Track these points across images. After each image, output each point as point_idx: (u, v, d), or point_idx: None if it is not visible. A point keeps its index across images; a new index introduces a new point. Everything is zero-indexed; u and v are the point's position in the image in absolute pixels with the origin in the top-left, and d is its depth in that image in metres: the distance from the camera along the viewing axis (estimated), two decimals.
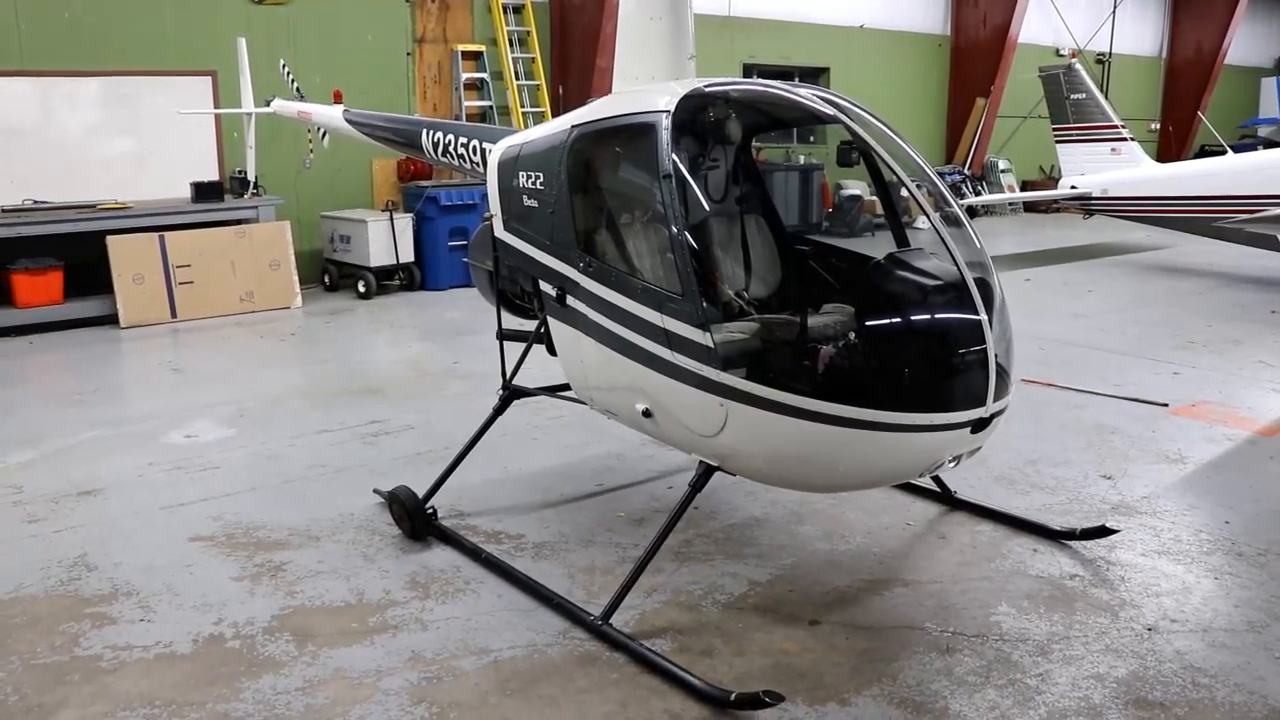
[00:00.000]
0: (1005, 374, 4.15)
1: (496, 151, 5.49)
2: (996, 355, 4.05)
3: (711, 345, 4.06)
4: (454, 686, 4.00)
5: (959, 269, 4.08)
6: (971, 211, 20.38)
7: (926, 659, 4.22)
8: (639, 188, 4.65)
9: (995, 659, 4.23)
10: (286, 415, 7.74)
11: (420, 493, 5.45)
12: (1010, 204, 21.56)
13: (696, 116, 4.77)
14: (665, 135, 4.28)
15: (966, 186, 20.92)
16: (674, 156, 4.28)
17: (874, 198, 19.54)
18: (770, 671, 4.09)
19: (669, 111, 4.33)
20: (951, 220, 4.48)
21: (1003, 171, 22.00)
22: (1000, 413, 4.13)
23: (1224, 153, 14.92)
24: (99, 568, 5.07)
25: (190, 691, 3.98)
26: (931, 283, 4.09)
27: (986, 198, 19.78)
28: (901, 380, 3.99)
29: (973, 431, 4.02)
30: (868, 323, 4.22)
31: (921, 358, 4.04)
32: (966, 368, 4.00)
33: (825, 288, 5.03)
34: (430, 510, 5.42)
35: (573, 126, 4.86)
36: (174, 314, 11.23)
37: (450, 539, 5.30)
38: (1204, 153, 22.84)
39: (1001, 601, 4.73)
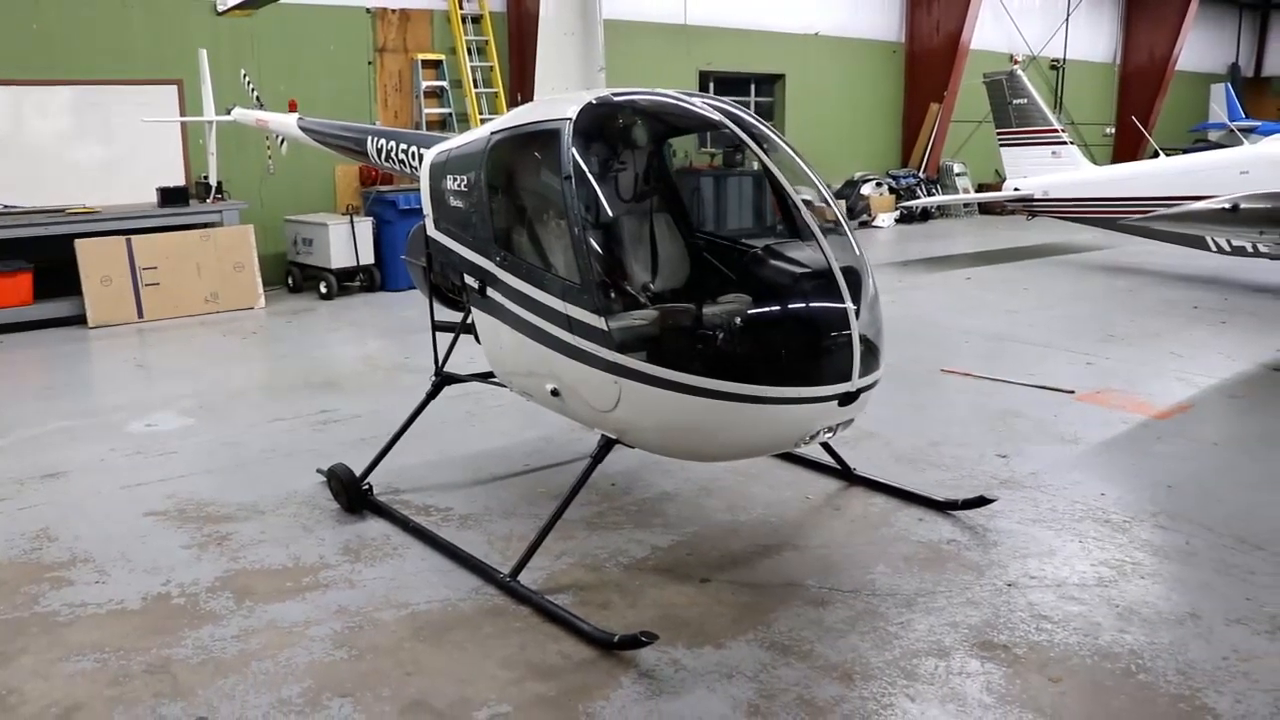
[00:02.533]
0: (873, 352, 4.63)
1: (429, 156, 5.95)
2: (864, 336, 4.52)
3: (606, 329, 4.53)
4: (373, 634, 4.48)
5: (827, 260, 4.53)
6: (925, 213, 20.99)
7: (801, 611, 4.71)
8: (546, 187, 5.11)
9: (864, 610, 4.72)
10: (244, 407, 8.19)
11: (358, 472, 5.91)
12: (965, 206, 22.15)
13: (601, 123, 5.24)
14: (568, 140, 4.76)
15: (921, 189, 21.50)
16: (575, 159, 4.75)
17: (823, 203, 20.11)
18: (658, 621, 4.55)
19: (571, 119, 4.81)
20: (828, 219, 4.91)
21: (958, 175, 22.59)
22: (868, 388, 4.61)
23: (1156, 155, 15.52)
24: (60, 539, 5.52)
25: (138, 640, 4.44)
26: (799, 270, 4.59)
27: (935, 199, 20.34)
28: (771, 358, 4.48)
29: (840, 404, 4.50)
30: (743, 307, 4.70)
31: (789, 337, 4.55)
32: (833, 347, 4.48)
33: (725, 279, 5.51)
34: (366, 486, 5.89)
35: (492, 133, 5.35)
36: (140, 314, 11.64)
37: (383, 511, 5.78)
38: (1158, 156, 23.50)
39: (880, 563, 5.22)
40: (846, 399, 4.50)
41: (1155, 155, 15.59)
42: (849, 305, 4.48)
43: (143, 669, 4.22)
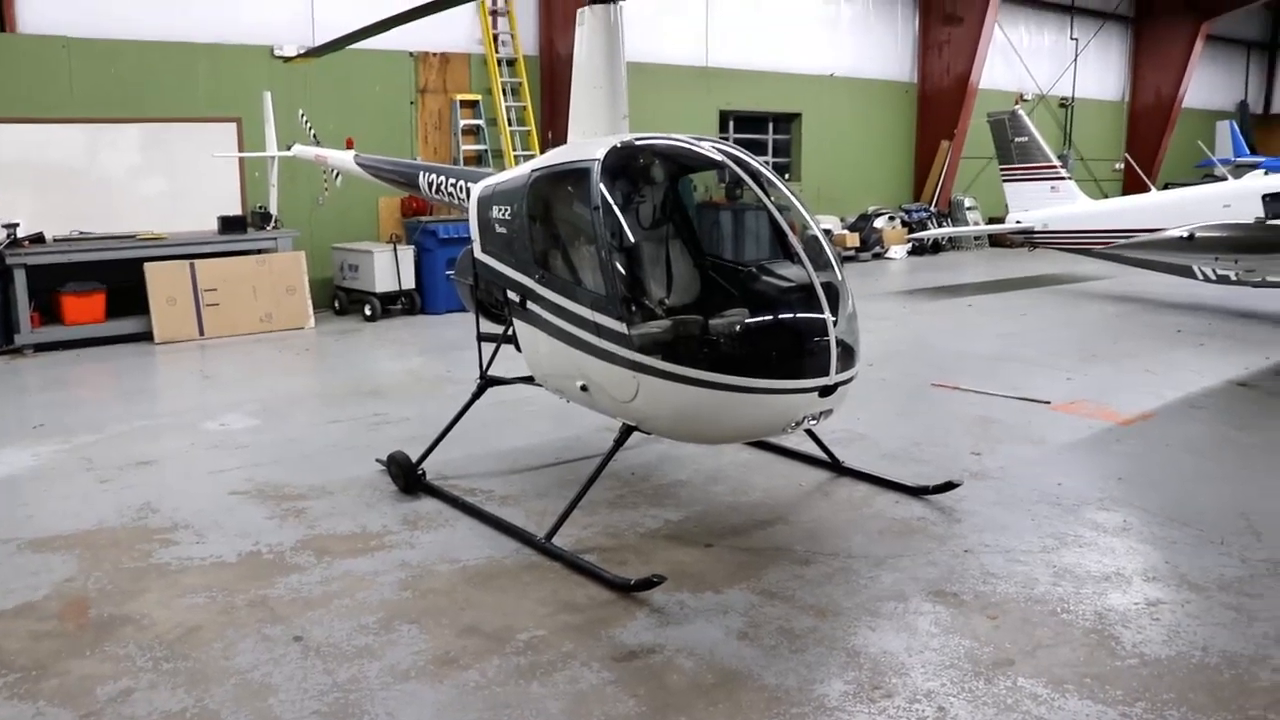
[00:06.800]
0: (849, 354, 5.56)
1: (476, 190, 6.95)
2: (841, 340, 5.46)
3: (627, 333, 5.50)
4: (432, 581, 5.44)
5: (810, 278, 5.48)
6: (937, 245, 21.92)
7: (788, 568, 5.63)
8: (578, 217, 6.09)
9: (840, 568, 5.64)
10: (303, 411, 9.20)
11: (413, 458, 6.88)
12: (975, 238, 23.07)
13: (624, 163, 6.20)
14: (597, 177, 5.74)
15: (932, 223, 22.44)
16: (603, 193, 5.73)
17: (844, 231, 21.04)
18: (668, 574, 5.42)
19: (600, 159, 5.80)
20: (813, 245, 5.82)
21: (968, 209, 23.50)
22: (845, 382, 5.54)
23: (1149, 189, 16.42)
24: (161, 511, 6.52)
25: (238, 583, 5.42)
26: (787, 286, 5.56)
27: (943, 230, 21.28)
28: (763, 357, 5.43)
29: (820, 395, 5.43)
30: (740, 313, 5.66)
31: (778, 341, 5.51)
32: (814, 349, 5.41)
33: (727, 293, 6.46)
34: (421, 471, 6.85)
35: (532, 170, 6.35)
36: (202, 332, 12.70)
37: (435, 492, 6.75)
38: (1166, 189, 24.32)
39: (858, 534, 6.14)
40: (825, 391, 5.43)
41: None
42: (828, 316, 5.42)
43: (245, 603, 5.20)
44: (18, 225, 11.91)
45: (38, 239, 12.11)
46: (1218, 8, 27.55)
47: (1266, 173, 17.08)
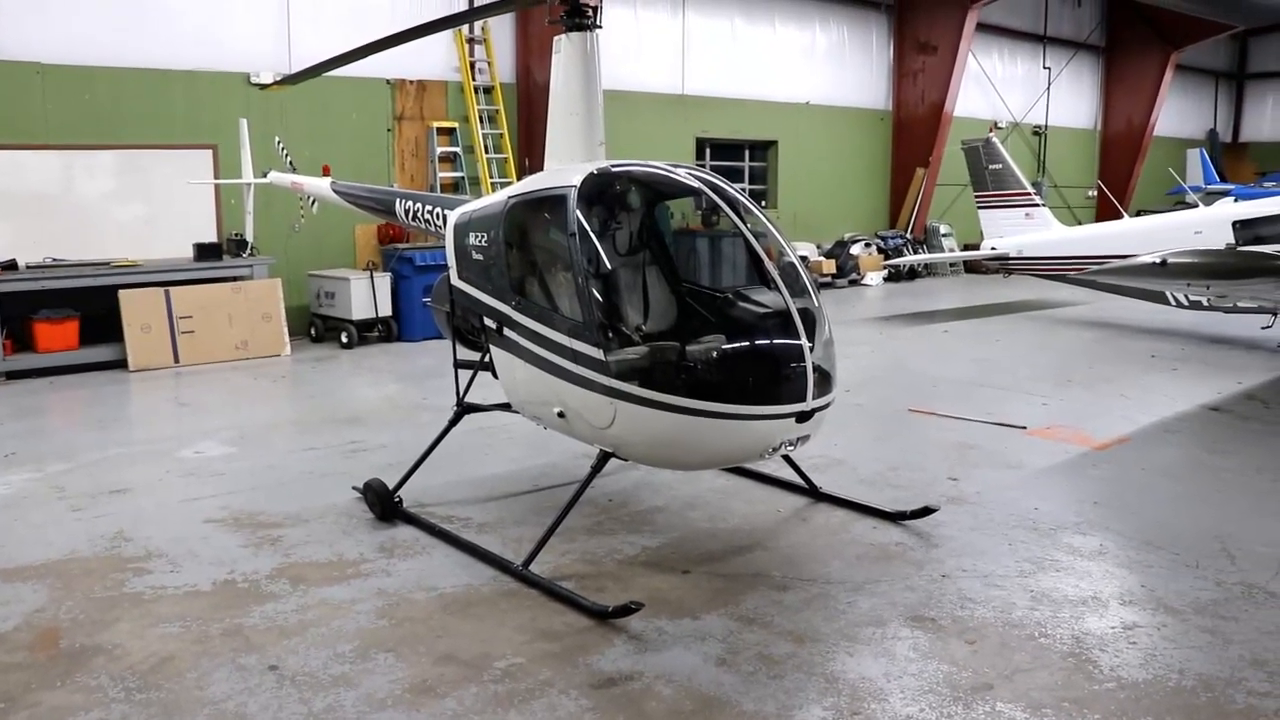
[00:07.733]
0: (826, 380, 5.57)
1: (453, 217, 6.96)
2: (818, 366, 5.47)
3: (604, 359, 5.50)
4: (409, 608, 5.40)
5: (786, 304, 5.51)
6: (913, 272, 22.06)
7: (766, 594, 5.62)
8: (555, 243, 6.10)
9: (818, 594, 5.63)
10: (279, 438, 9.14)
11: (390, 486, 6.84)
12: (951, 265, 23.24)
13: (600, 190, 6.22)
14: (573, 203, 5.76)
15: (908, 249, 22.59)
16: (580, 219, 5.74)
17: (820, 258, 21.13)
18: (646, 601, 5.41)
19: (576, 186, 5.81)
20: (789, 271, 5.85)
21: (944, 235, 23.66)
22: (822, 408, 5.55)
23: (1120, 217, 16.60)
24: (134, 539, 6.45)
25: (213, 612, 5.36)
26: (763, 312, 5.57)
27: (918, 257, 21.43)
28: (740, 383, 5.43)
29: (798, 421, 5.43)
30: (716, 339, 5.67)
31: (755, 367, 5.52)
32: (791, 375, 5.43)
33: (703, 319, 6.47)
34: (397, 499, 6.81)
35: (509, 197, 6.36)
36: (177, 359, 12.61)
37: (412, 520, 6.71)
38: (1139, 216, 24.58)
39: (836, 559, 6.13)
40: (803, 417, 5.43)
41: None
42: (804, 342, 5.43)
43: (220, 632, 5.14)
44: None
45: (10, 266, 12.04)
46: (1186, 38, 27.95)
47: (1236, 200, 17.36)
